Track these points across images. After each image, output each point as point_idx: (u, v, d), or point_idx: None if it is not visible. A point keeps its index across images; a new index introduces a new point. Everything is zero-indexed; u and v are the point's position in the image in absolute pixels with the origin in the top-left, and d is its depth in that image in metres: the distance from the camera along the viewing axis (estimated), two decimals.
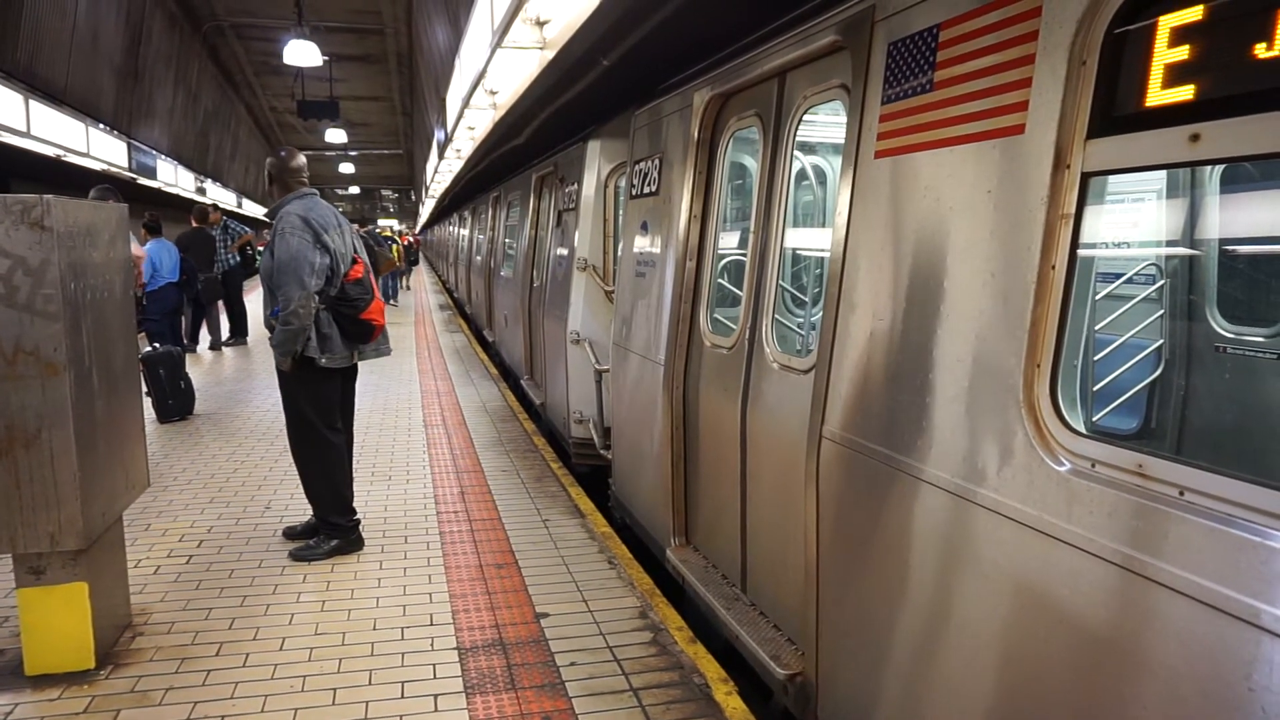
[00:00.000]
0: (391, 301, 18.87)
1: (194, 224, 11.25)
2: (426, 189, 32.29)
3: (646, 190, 4.64)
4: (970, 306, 2.06)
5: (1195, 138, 1.54)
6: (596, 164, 6.08)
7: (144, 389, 5.35)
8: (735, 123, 3.72)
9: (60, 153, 15.73)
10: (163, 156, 23.89)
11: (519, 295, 8.66)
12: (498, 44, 6.30)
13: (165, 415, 7.19)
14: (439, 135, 17.96)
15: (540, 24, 5.86)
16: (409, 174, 54.02)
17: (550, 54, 5.56)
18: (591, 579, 4.11)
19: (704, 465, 3.87)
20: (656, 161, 4.50)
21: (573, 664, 3.30)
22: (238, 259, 11.71)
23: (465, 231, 17.53)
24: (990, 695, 1.95)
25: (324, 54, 19.97)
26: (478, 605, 3.81)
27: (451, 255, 22.88)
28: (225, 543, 4.50)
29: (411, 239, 35.41)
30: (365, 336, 4.33)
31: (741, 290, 3.52)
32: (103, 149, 18.29)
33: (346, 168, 49.50)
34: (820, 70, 3.00)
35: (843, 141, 2.66)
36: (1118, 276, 3.17)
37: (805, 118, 3.18)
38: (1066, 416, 1.80)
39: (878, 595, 2.40)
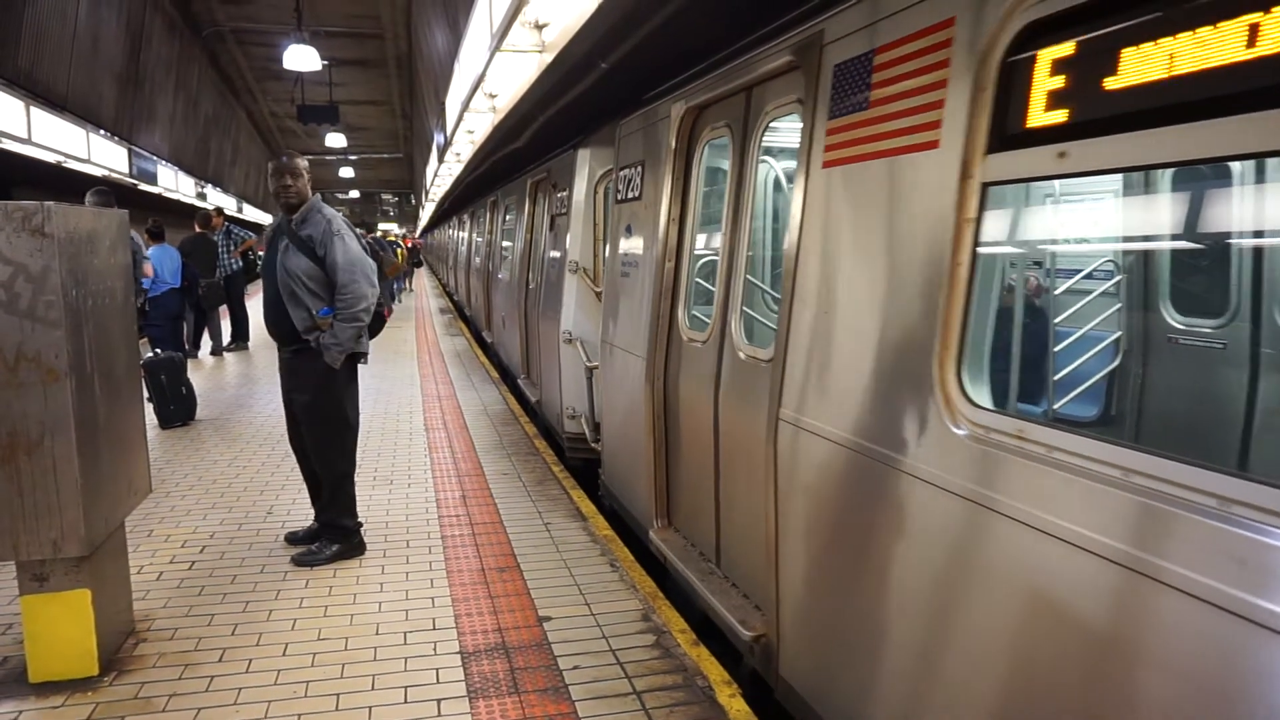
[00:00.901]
0: (397, 300, 18.94)
1: (197, 229, 11.27)
2: (426, 193, 32.36)
3: (630, 195, 4.92)
4: (896, 299, 2.37)
5: (1063, 154, 1.84)
6: (586, 170, 6.33)
7: (146, 395, 5.36)
8: (708, 133, 3.98)
9: (61, 159, 15.76)
10: (163, 162, 23.93)
11: (515, 297, 8.97)
12: (497, 47, 6.31)
13: (167, 421, 7.19)
14: (438, 139, 17.99)
15: (539, 27, 5.87)
16: (409, 178, 54.09)
17: (549, 57, 5.57)
18: (594, 582, 4.11)
19: (683, 451, 4.13)
20: (639, 168, 4.77)
21: (576, 667, 3.30)
22: (240, 264, 11.72)
23: (465, 235, 17.90)
24: (918, 634, 2.25)
25: (323, 59, 20.04)
26: (480, 609, 3.81)
27: (451, 259, 23.29)
28: (228, 548, 4.50)
29: (414, 242, 35.65)
30: (376, 331, 4.53)
31: (715, 288, 3.79)
32: (104, 155, 18.32)
33: (346, 172, 49.55)
34: (780, 86, 3.28)
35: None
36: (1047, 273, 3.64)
37: (772, 127, 3.47)
38: (969, 392, 2.10)
39: (825, 558, 2.72)
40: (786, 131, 3.56)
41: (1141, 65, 1.65)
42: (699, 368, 3.87)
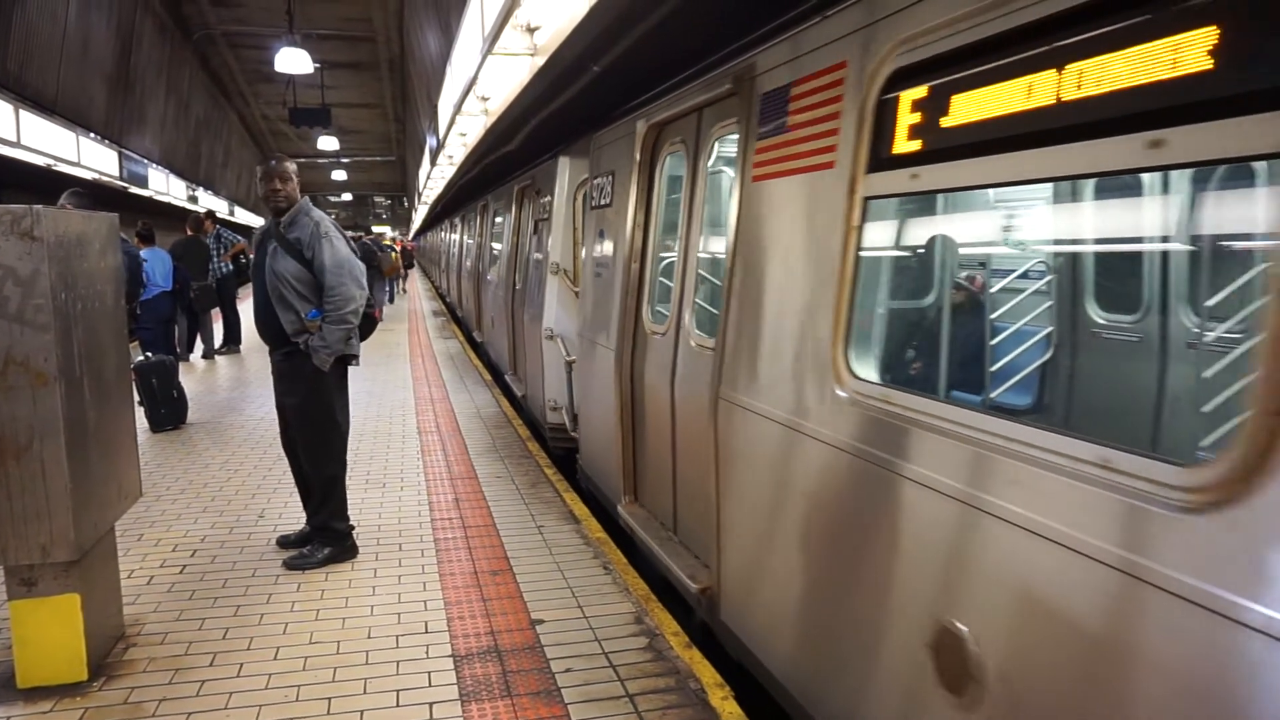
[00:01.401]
0: (390, 301, 18.94)
1: (188, 232, 11.22)
2: (419, 195, 32.32)
3: (603, 202, 5.40)
4: (803, 293, 2.83)
5: (915, 176, 2.29)
6: (566, 178, 6.75)
7: (136, 398, 5.33)
8: (668, 147, 4.45)
9: (51, 162, 15.69)
10: (154, 165, 23.83)
11: (503, 297, 9.41)
12: (489, 50, 6.32)
13: (158, 424, 7.16)
14: (431, 142, 17.98)
15: (530, 30, 5.88)
16: (402, 180, 54.00)
17: (541, 60, 5.58)
18: (587, 585, 4.11)
19: (648, 432, 4.58)
20: (611, 177, 5.24)
21: (568, 670, 3.29)
22: (230, 267, 11.68)
23: (456, 237, 18.29)
24: (817, 569, 2.74)
25: (315, 61, 19.96)
26: (473, 612, 3.80)
27: (444, 261, 23.63)
28: (219, 552, 4.48)
29: (407, 245, 35.73)
30: (368, 334, 4.55)
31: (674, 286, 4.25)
32: (94, 158, 18.25)
33: (339, 174, 49.44)
34: (724, 109, 3.69)
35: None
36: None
37: (719, 143, 3.91)
38: (853, 367, 2.57)
39: (753, 515, 3.17)
40: (732, 145, 3.89)
41: (964, 109, 2.12)
42: (660, 357, 4.31)
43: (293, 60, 17.73)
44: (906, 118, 2.33)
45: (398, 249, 26.43)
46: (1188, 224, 3.44)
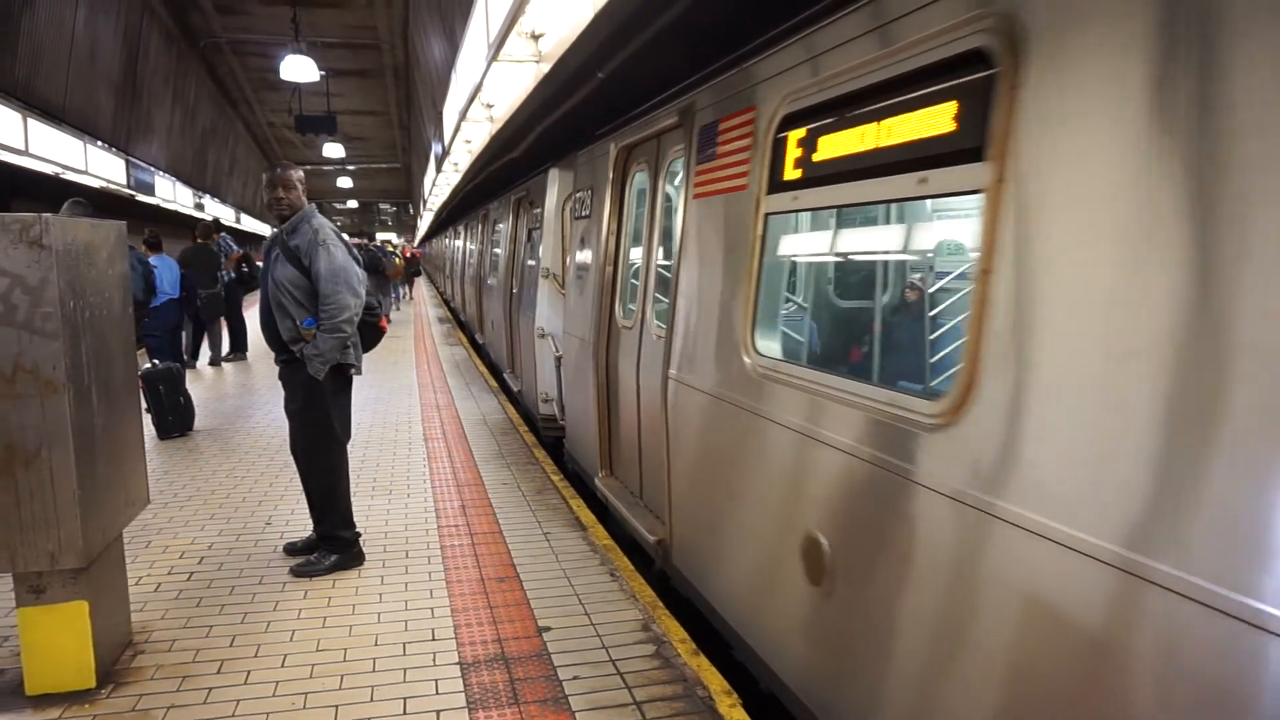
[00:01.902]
0: (395, 307, 18.98)
1: (196, 240, 11.26)
2: (424, 202, 32.39)
3: (584, 213, 6.12)
4: (725, 289, 3.53)
5: (795, 198, 3.02)
6: (556, 190, 7.31)
7: (144, 405, 5.34)
8: (635, 167, 5.15)
9: (59, 170, 15.77)
10: (161, 173, 23.95)
11: (502, 301, 10.14)
12: (493, 57, 6.33)
13: (165, 432, 7.18)
14: (436, 149, 18.02)
15: (535, 37, 5.89)
16: (407, 187, 54.14)
17: (546, 67, 5.60)
18: (593, 591, 4.10)
19: (620, 413, 5.22)
20: (590, 192, 5.94)
21: (575, 678, 3.28)
22: (232, 275, 11.71)
23: (460, 244, 18.95)
24: (728, 504, 3.47)
25: (321, 69, 20.08)
26: (479, 619, 3.79)
27: (448, 268, 24.24)
28: (226, 559, 4.49)
29: (413, 252, 35.88)
30: (373, 343, 4.54)
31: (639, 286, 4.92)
32: (101, 166, 18.34)
33: (344, 182, 49.61)
34: (675, 137, 4.35)
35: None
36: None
37: (673, 165, 4.55)
38: (758, 346, 3.28)
39: (691, 471, 3.91)
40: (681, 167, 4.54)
41: (825, 148, 2.82)
42: (628, 347, 4.98)
43: (298, 68, 17.81)
44: (792, 152, 3.03)
45: (404, 255, 26.64)
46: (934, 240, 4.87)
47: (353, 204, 66.73)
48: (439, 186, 20.84)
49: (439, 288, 30.97)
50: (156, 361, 7.58)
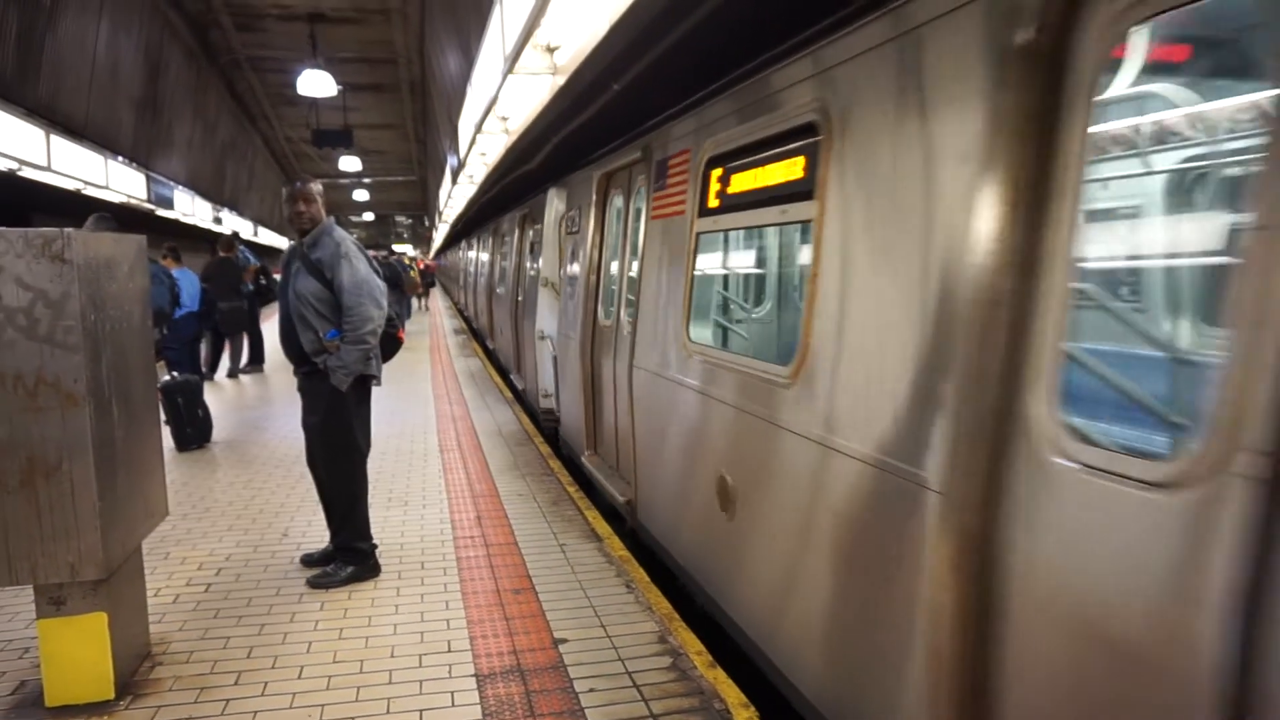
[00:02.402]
0: (408, 317, 19.10)
1: (220, 254, 11.37)
2: (440, 215, 32.61)
3: (574, 230, 7.16)
4: (668, 291, 4.42)
5: (715, 220, 3.91)
6: (553, 208, 8.15)
7: (162, 418, 5.38)
8: (612, 191, 6.15)
9: (81, 186, 15.99)
10: (180, 187, 24.23)
11: (509, 308, 11.14)
12: (509, 70, 6.38)
13: (184, 444, 7.23)
14: (451, 161, 18.15)
15: (550, 50, 5.93)
16: (422, 200, 54.48)
17: (561, 79, 5.64)
18: (609, 603, 4.09)
19: (602, 399, 6.10)
20: (579, 210, 6.98)
21: (591, 690, 3.27)
22: (250, 287, 11.81)
23: (474, 255, 19.86)
24: (670, 460, 4.43)
25: (338, 84, 20.28)
26: (495, 631, 3.79)
27: (462, 279, 25.15)
28: (243, 570, 4.51)
29: (427, 264, 36.21)
30: (392, 354, 4.58)
31: (615, 291, 5.87)
32: (122, 181, 18.58)
33: (361, 195, 49.98)
34: (640, 168, 5.25)
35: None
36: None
37: (642, 193, 5.25)
38: (690, 334, 4.15)
39: (649, 440, 4.81)
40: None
41: (732, 184, 3.70)
42: (607, 342, 5.86)
43: (316, 83, 18.01)
44: (714, 185, 3.90)
45: (419, 267, 26.93)
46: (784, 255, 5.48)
47: (369, 217, 67.21)
48: (454, 199, 20.98)
49: (454, 300, 31.18)
50: (175, 374, 7.64)
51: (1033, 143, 2.00)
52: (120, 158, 18.62)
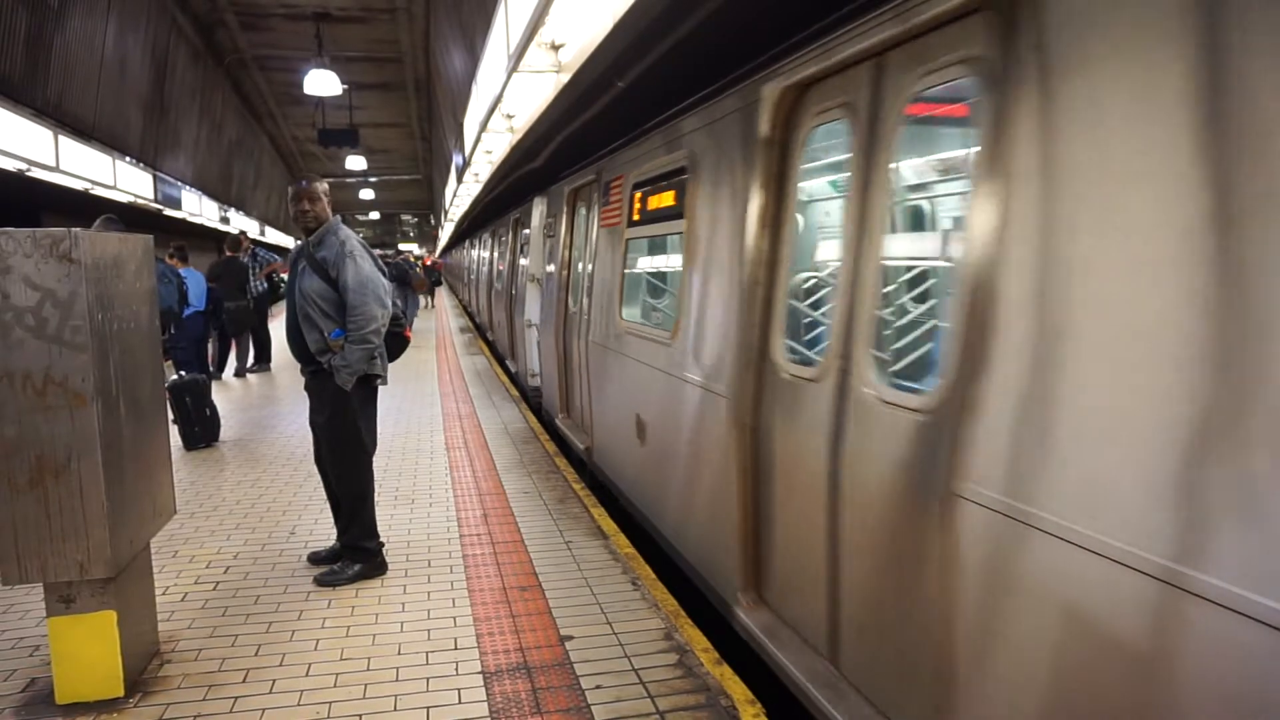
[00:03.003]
0: (415, 314, 19.16)
1: (227, 253, 11.41)
2: (445, 213, 32.67)
3: (551, 234, 8.56)
4: (610, 283, 5.73)
5: (634, 230, 5.40)
6: (538, 213, 9.56)
7: (170, 416, 5.40)
8: (578, 203, 7.47)
9: (89, 186, 16.05)
10: (187, 187, 24.30)
11: (505, 302, 12.72)
12: (514, 68, 6.39)
13: (191, 443, 7.26)
14: (457, 160, 18.17)
15: (555, 48, 5.93)
16: (428, 199, 54.58)
17: (565, 77, 5.64)
18: (615, 601, 4.09)
19: (571, 371, 7.27)
20: (555, 218, 8.34)
21: (598, 687, 3.27)
22: (265, 286, 11.86)
23: (475, 254, 21.15)
24: (608, 412, 5.84)
25: (344, 83, 20.32)
26: (502, 628, 3.80)
27: (466, 276, 26.34)
28: (251, 568, 4.53)
29: (433, 261, 36.39)
30: (398, 353, 4.57)
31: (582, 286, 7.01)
32: (129, 181, 18.63)
33: (367, 194, 50.10)
34: (595, 187, 6.52)
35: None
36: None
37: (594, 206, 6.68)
38: (624, 314, 5.52)
39: (599, 395, 6.06)
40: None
41: (641, 203, 5.20)
42: (576, 326, 6.98)
43: (321, 82, 18.05)
44: (635, 204, 5.29)
45: (424, 263, 27.15)
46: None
47: (375, 215, 67.34)
48: (460, 197, 21.02)
49: (460, 298, 31.25)
50: (183, 373, 7.67)
51: (773, 190, 3.39)
52: (128, 158, 18.69)
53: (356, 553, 4.37)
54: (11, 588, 3.99)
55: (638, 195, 5.21)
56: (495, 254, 15.18)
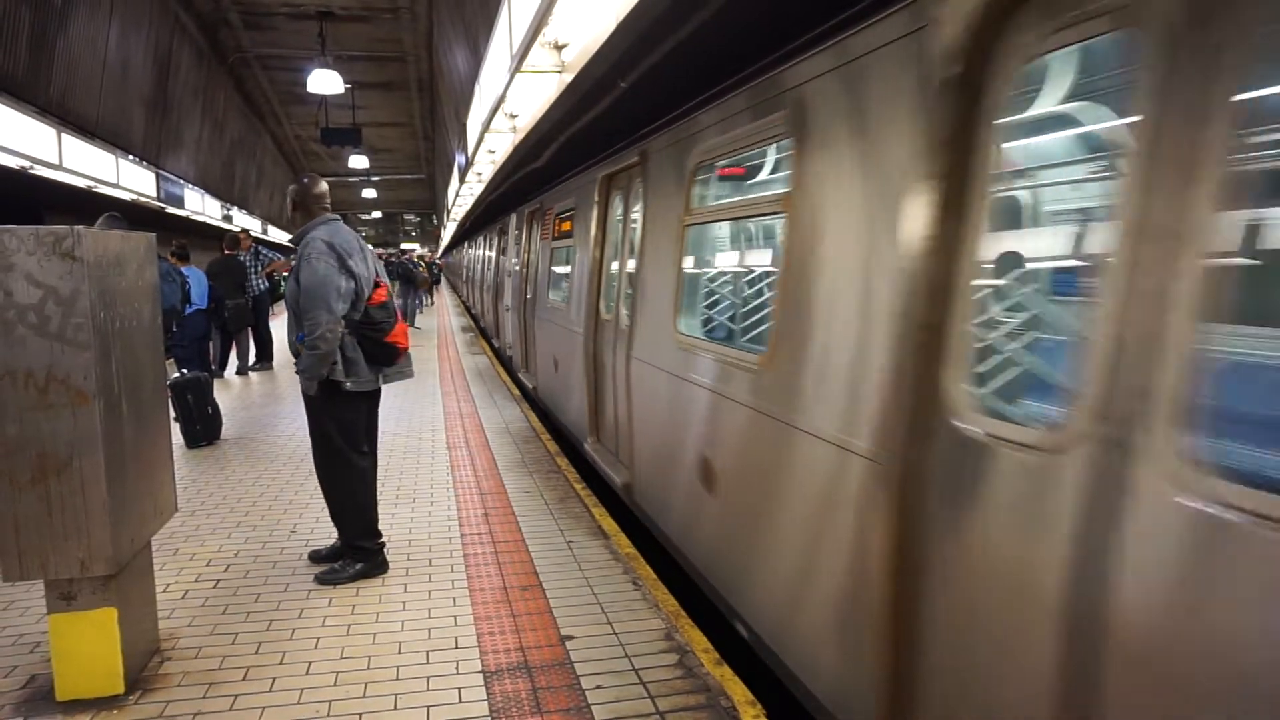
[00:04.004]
0: (416, 328, 19.11)
1: (225, 251, 11.42)
2: (448, 213, 32.68)
3: (520, 241, 10.34)
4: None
5: (559, 242, 8.11)
6: (513, 224, 10.97)
7: (172, 415, 5.42)
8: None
9: (91, 184, 16.07)
10: (190, 186, 24.33)
11: (493, 293, 14.67)
12: (517, 68, 6.39)
13: (193, 441, 7.27)
14: (459, 159, 18.18)
15: (558, 48, 5.94)
16: (431, 198, 54.60)
17: (569, 77, 5.64)
18: (616, 600, 4.09)
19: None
20: (520, 229, 10.22)
21: (598, 687, 3.27)
22: (266, 285, 11.87)
23: (477, 253, 21.77)
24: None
25: (346, 82, 20.35)
26: (502, 628, 3.80)
27: (466, 274, 27.00)
28: (251, 567, 4.53)
29: (436, 261, 36.59)
30: (389, 359, 4.35)
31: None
32: (132, 179, 18.66)
33: (369, 193, 50.11)
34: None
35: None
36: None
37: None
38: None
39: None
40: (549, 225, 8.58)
41: (562, 224, 7.98)
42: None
43: (324, 81, 18.07)
44: (557, 227, 7.86)
45: (428, 261, 27.51)
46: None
47: (377, 215, 67.38)
48: (462, 197, 21.03)
49: (461, 297, 31.28)
50: (185, 371, 7.68)
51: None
52: (131, 156, 18.71)
53: (357, 551, 4.37)
54: (12, 584, 3.99)
55: (561, 220, 5.80)
56: (484, 253, 16.31)
